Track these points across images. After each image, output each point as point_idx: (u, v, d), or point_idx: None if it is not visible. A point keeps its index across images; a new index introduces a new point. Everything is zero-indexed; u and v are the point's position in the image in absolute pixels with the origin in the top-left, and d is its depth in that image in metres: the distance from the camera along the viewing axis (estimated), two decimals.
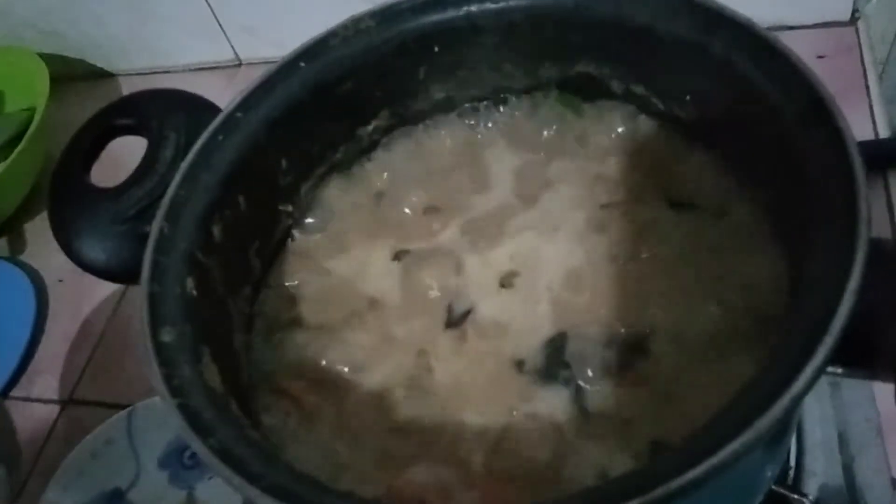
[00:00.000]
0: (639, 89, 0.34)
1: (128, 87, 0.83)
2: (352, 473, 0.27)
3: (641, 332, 0.28)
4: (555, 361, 0.29)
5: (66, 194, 0.32)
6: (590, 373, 0.28)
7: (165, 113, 0.33)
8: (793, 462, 0.35)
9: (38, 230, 0.71)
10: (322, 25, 0.70)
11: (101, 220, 0.31)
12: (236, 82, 0.78)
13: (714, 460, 0.19)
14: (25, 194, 0.72)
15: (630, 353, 0.28)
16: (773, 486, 0.32)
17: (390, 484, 0.26)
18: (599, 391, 0.27)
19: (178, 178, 0.30)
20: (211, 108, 0.34)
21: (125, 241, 0.31)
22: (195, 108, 0.34)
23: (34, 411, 0.58)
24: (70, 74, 0.81)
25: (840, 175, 0.23)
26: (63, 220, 0.32)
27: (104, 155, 0.35)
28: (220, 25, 0.76)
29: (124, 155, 0.35)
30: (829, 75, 0.61)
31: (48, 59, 0.76)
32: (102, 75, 0.84)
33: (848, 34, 0.62)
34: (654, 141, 0.35)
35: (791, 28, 0.64)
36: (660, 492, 0.19)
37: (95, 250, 0.31)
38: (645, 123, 0.35)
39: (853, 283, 0.21)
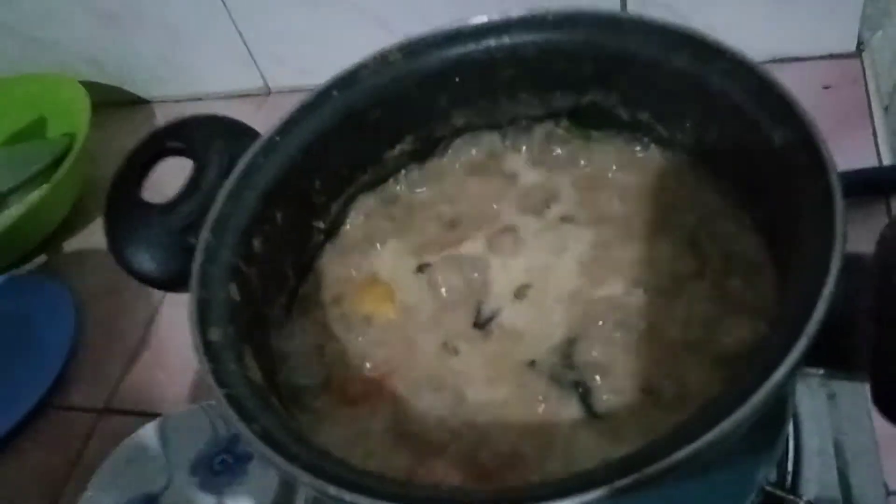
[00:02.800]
0: (644, 116, 0.37)
1: (161, 114, 0.87)
2: (376, 461, 0.30)
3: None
4: (564, 364, 0.31)
5: (120, 209, 0.35)
6: (596, 377, 0.30)
7: (210, 137, 0.37)
8: (790, 468, 0.37)
9: (77, 248, 0.75)
10: (345, 55, 0.74)
11: (152, 233, 0.34)
12: (265, 109, 0.82)
13: (689, 448, 0.21)
14: (66, 214, 0.76)
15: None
16: (770, 488, 0.35)
17: (412, 471, 0.29)
18: (604, 393, 0.30)
19: (223, 194, 0.33)
20: (250, 133, 0.37)
21: (173, 252, 0.34)
22: (236, 133, 0.37)
23: (73, 419, 0.60)
24: (108, 101, 0.86)
25: (821, 198, 0.26)
26: (118, 232, 0.35)
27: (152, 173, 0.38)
28: (251, 55, 0.80)
29: (168, 174, 0.38)
30: (834, 105, 0.64)
31: (88, 86, 0.80)
32: (138, 102, 0.88)
33: (853, 65, 0.65)
34: (658, 164, 0.37)
35: (798, 59, 0.66)
36: (627, 481, 0.21)
37: (146, 260, 0.34)
38: (650, 148, 0.38)
39: (827, 290, 0.23)
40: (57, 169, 0.73)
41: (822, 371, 0.26)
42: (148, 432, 0.54)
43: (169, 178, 0.38)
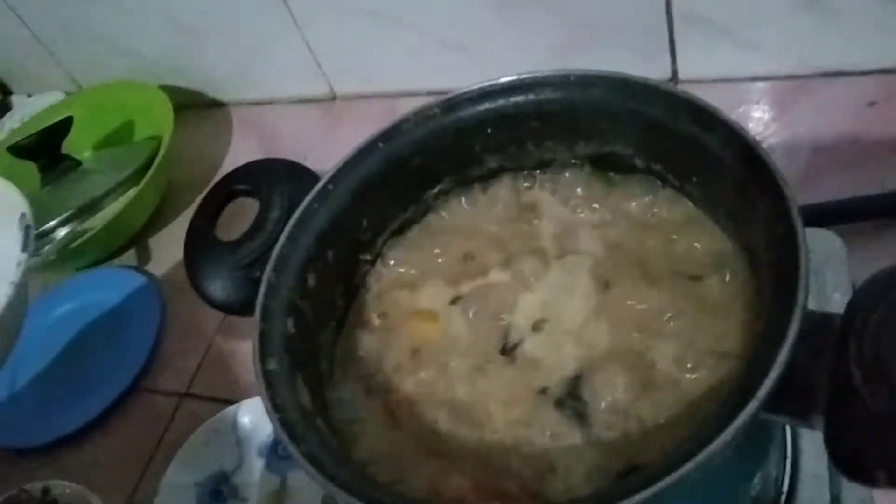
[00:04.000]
0: (657, 167, 0.41)
1: (237, 116, 0.94)
2: (406, 474, 0.35)
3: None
4: (571, 394, 0.36)
5: (196, 245, 0.41)
6: (601, 406, 0.35)
7: (274, 180, 0.42)
8: (785, 489, 0.41)
9: (162, 244, 0.83)
10: (404, 68, 0.79)
11: (223, 267, 0.40)
12: (332, 114, 0.88)
13: (648, 491, 0.26)
14: (152, 212, 0.84)
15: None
16: None
17: (434, 485, 0.34)
18: (601, 424, 0.34)
19: (283, 238, 0.39)
20: (310, 176, 0.43)
21: (240, 283, 0.40)
22: (297, 177, 0.43)
23: (158, 402, 0.68)
24: (189, 103, 0.93)
25: (791, 271, 0.29)
26: (193, 266, 0.41)
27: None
28: (317, 63, 0.85)
29: (240, 212, 0.44)
30: (878, 122, 0.65)
31: (170, 90, 0.88)
32: (216, 105, 0.95)
33: None
34: (672, 211, 0.41)
35: (844, 74, 0.67)
36: None
37: (217, 290, 0.41)
38: (664, 195, 0.41)
39: (782, 355, 0.27)
40: (145, 170, 0.80)
41: (780, 418, 0.30)
42: (224, 417, 0.61)
43: (243, 216, 0.44)
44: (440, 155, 0.43)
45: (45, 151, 0.81)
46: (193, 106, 0.94)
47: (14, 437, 0.69)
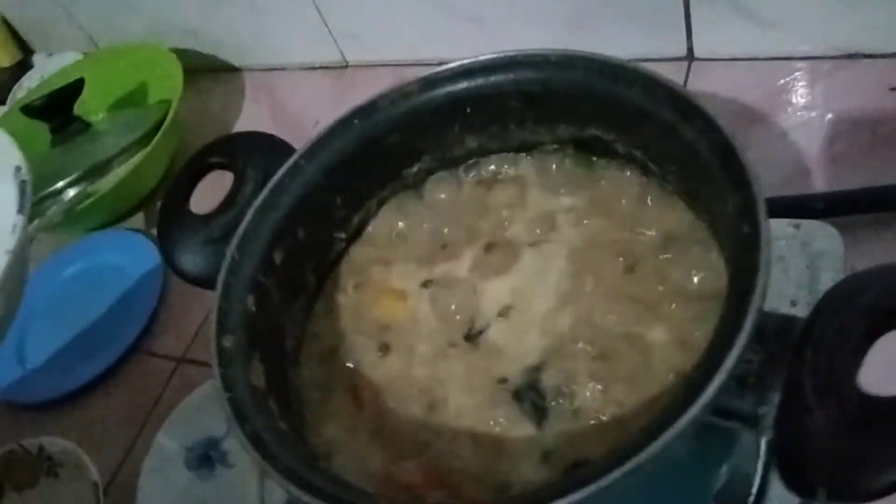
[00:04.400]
0: (638, 154, 0.39)
1: (250, 81, 0.93)
2: (357, 459, 0.35)
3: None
4: (529, 385, 0.35)
5: (170, 218, 0.41)
6: (557, 399, 0.34)
7: (249, 154, 0.42)
8: (755, 490, 0.40)
9: None
10: (415, 35, 0.77)
11: (195, 240, 0.40)
12: (344, 81, 0.87)
13: (594, 486, 0.25)
14: (161, 175, 0.84)
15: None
16: None
17: (387, 472, 0.34)
18: (557, 417, 0.34)
19: (249, 215, 0.38)
20: (288, 150, 0.42)
21: (212, 257, 0.40)
22: (274, 150, 0.42)
23: (156, 365, 0.69)
24: (201, 68, 0.92)
25: (751, 268, 0.28)
26: (167, 238, 0.41)
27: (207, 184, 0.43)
28: (329, 31, 0.84)
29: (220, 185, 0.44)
30: None
31: (183, 54, 0.87)
32: (229, 69, 0.95)
33: None
34: (653, 198, 0.40)
35: (868, 56, 0.64)
36: None
37: (189, 263, 0.40)
38: (646, 182, 0.40)
39: (728, 361, 0.26)
40: (155, 134, 0.80)
41: (735, 424, 0.29)
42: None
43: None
44: (418, 133, 0.42)
45: (56, 112, 0.82)
46: (207, 70, 0.94)
47: (19, 392, 0.71)
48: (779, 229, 0.48)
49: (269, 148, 0.43)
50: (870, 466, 0.25)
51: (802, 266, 0.48)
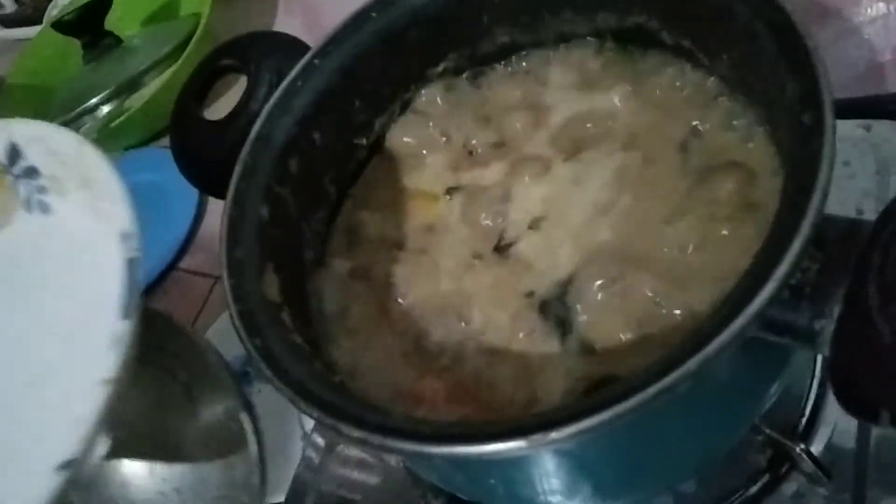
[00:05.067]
0: (686, 43, 0.35)
1: None
2: (379, 366, 0.34)
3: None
4: (556, 298, 0.33)
5: (182, 126, 0.39)
6: (583, 315, 0.31)
7: (262, 55, 0.39)
8: (807, 411, 0.37)
9: None
10: None
11: (209, 148, 0.38)
12: None
13: (628, 403, 0.23)
14: None
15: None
16: (770, 431, 0.35)
17: (406, 388, 0.32)
18: (585, 334, 0.31)
19: (261, 119, 0.36)
20: (304, 50, 0.39)
21: (226, 166, 0.37)
22: (289, 50, 0.39)
23: (195, 282, 0.69)
24: None
25: (812, 161, 0.25)
26: (180, 147, 0.39)
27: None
28: None
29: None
30: None
31: None
32: None
33: None
34: (701, 94, 0.36)
35: None
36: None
37: (204, 173, 0.38)
38: (694, 78, 0.36)
39: (782, 268, 0.23)
40: (185, 47, 0.78)
41: (787, 340, 0.26)
42: None
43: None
44: (443, 27, 0.38)
45: (87, 28, 0.80)
46: None
47: None
48: (846, 130, 0.44)
49: (284, 48, 0.40)
50: None
51: (871, 171, 0.43)
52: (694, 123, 0.35)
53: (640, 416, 0.23)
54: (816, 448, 0.36)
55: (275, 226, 0.35)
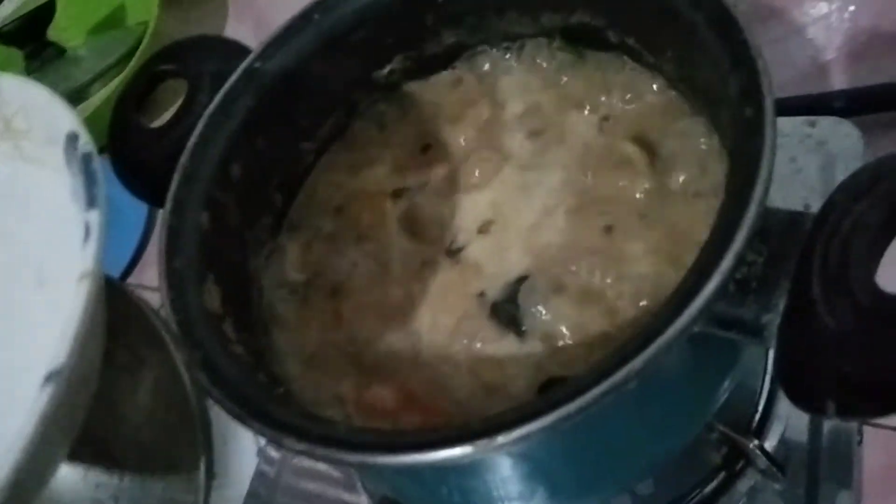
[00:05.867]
0: (631, 41, 0.35)
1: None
2: (327, 376, 0.33)
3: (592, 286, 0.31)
4: (507, 299, 0.32)
5: (120, 134, 0.38)
6: (536, 314, 0.31)
7: (202, 59, 0.38)
8: (761, 407, 0.37)
9: None
10: None
11: (149, 157, 0.37)
12: None
13: (569, 406, 0.22)
14: None
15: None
16: (723, 428, 0.35)
17: (353, 396, 0.32)
18: (536, 332, 0.31)
19: (200, 125, 0.35)
20: (246, 53, 0.38)
21: (166, 174, 0.36)
22: (230, 55, 0.38)
23: (146, 298, 0.67)
24: None
25: (754, 158, 0.24)
26: (118, 155, 0.38)
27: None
28: None
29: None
30: None
31: None
32: None
33: None
34: (648, 93, 0.35)
35: None
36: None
37: (143, 182, 0.37)
38: (640, 73, 0.36)
39: (726, 263, 0.23)
40: (132, 57, 0.76)
41: (734, 334, 0.26)
42: None
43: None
44: (387, 28, 0.38)
45: (29, 38, 0.78)
46: None
47: None
48: (791, 127, 0.44)
49: (225, 52, 0.39)
50: (885, 377, 0.22)
51: (817, 167, 0.44)
52: (642, 124, 0.35)
53: (588, 417, 0.23)
54: (770, 444, 0.36)
55: (216, 234, 0.34)
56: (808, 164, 0.44)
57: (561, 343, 0.30)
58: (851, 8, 0.57)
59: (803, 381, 0.23)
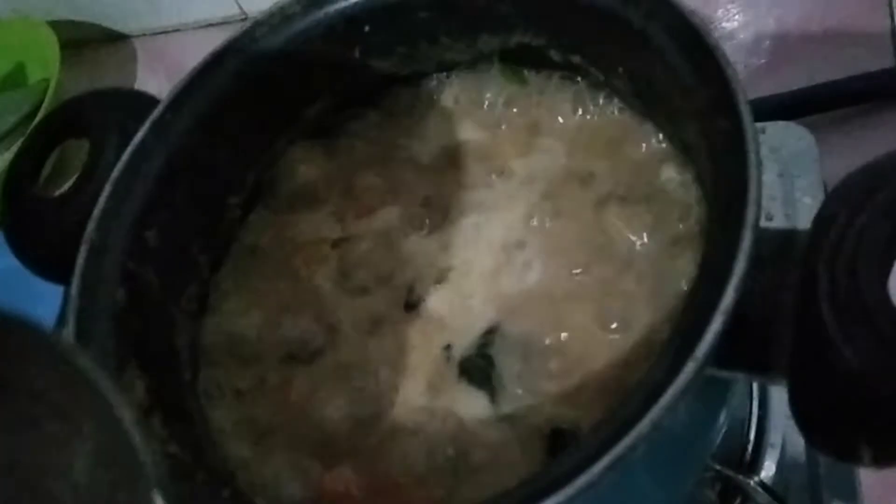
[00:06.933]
0: (576, 59, 0.32)
1: (142, 49, 0.84)
2: (283, 457, 0.29)
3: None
4: (478, 354, 0.29)
5: (15, 206, 0.33)
6: (507, 368, 0.28)
7: (104, 114, 0.34)
8: (752, 437, 0.34)
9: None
10: None
11: (48, 230, 0.32)
12: None
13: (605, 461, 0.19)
14: None
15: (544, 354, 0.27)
16: (720, 467, 0.32)
17: (314, 482, 0.27)
18: (512, 386, 0.27)
19: (106, 190, 0.30)
20: (154, 104, 0.34)
21: (71, 247, 0.32)
22: (136, 107, 0.34)
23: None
24: (84, 39, 0.83)
25: (739, 172, 0.22)
26: (12, 230, 0.33)
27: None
28: None
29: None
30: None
31: (60, 25, 0.77)
32: (117, 38, 0.85)
33: None
34: (600, 114, 0.33)
35: None
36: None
37: (43, 258, 0.33)
38: (590, 95, 0.33)
39: (726, 299, 0.20)
40: (34, 117, 0.71)
41: (739, 375, 0.23)
42: None
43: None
44: (309, 65, 0.34)
45: None
46: (93, 41, 0.84)
47: None
48: None
49: (129, 104, 0.34)
50: None
51: (774, 174, 0.42)
52: (594, 158, 0.32)
53: (591, 492, 0.20)
54: (767, 474, 0.33)
55: (135, 312, 0.29)
56: (764, 171, 0.42)
57: (541, 397, 0.27)
58: (778, 11, 0.57)
59: (828, 427, 0.20)
